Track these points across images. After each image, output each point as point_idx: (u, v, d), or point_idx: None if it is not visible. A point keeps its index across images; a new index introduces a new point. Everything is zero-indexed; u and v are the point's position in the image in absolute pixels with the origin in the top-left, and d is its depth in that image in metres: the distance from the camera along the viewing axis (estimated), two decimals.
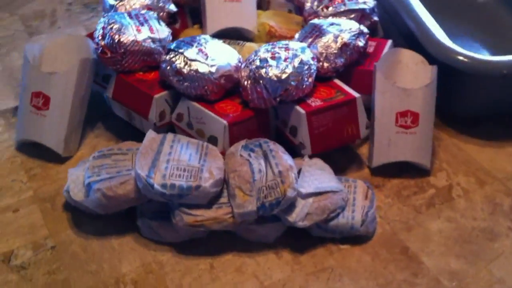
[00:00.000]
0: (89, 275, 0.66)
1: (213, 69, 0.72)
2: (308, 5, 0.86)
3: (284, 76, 0.71)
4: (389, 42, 0.84)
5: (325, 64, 0.76)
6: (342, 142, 0.75)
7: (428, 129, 0.76)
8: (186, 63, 0.72)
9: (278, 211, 0.66)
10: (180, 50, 0.73)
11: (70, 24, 1.05)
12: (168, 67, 0.73)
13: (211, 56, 0.74)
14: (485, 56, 0.77)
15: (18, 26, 1.04)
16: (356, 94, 0.74)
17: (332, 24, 0.79)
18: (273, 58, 0.73)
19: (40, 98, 0.76)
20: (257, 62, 0.73)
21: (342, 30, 0.78)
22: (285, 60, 0.73)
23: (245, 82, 0.73)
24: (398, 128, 0.76)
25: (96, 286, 0.65)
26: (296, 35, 0.81)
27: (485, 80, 0.79)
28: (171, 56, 0.74)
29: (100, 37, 0.76)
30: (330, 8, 0.83)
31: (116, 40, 0.75)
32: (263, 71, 0.72)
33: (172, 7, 0.86)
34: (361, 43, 0.78)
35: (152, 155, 0.68)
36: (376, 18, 0.85)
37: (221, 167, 0.68)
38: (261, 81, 0.71)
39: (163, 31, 0.78)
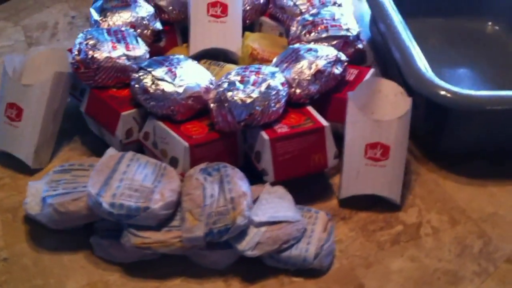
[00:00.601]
0: None
1: (180, 90, 0.72)
2: (293, 29, 0.85)
3: (249, 100, 0.70)
4: (372, 70, 0.82)
5: (298, 90, 0.75)
6: (308, 170, 0.73)
7: (400, 162, 0.74)
8: (153, 82, 0.72)
9: (227, 238, 0.65)
10: (149, 69, 0.73)
11: (70, 37, 1.06)
12: (137, 85, 0.73)
13: (180, 76, 0.73)
14: (464, 90, 0.74)
15: (19, 36, 1.06)
16: (324, 123, 0.73)
17: (309, 50, 0.77)
18: (241, 81, 0.72)
19: (13, 109, 0.77)
20: (225, 85, 0.72)
21: (318, 57, 0.76)
22: (253, 84, 0.71)
23: (212, 104, 0.72)
24: (367, 160, 0.73)
25: None
26: (274, 59, 0.80)
27: (466, 115, 0.76)
28: (140, 74, 0.73)
29: (76, 52, 0.77)
30: (312, 34, 0.81)
31: (90, 56, 0.75)
32: (229, 94, 0.71)
33: (158, 25, 0.86)
34: (337, 70, 0.77)
35: (107, 173, 0.67)
36: (360, 46, 0.83)
37: (175, 190, 0.67)
38: (226, 104, 0.70)
39: (139, 49, 0.78)
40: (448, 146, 0.82)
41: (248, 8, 0.90)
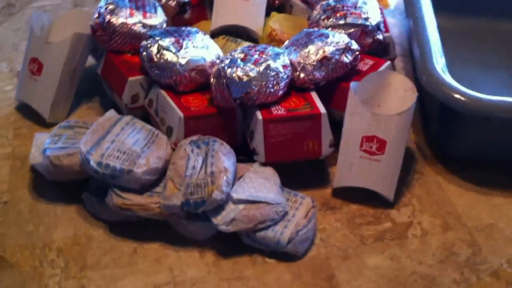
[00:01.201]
0: (24, 234, 0.70)
1: (182, 61, 0.73)
2: (315, 13, 0.84)
3: (245, 78, 0.70)
4: (387, 63, 0.79)
5: (302, 75, 0.74)
6: (301, 156, 0.73)
7: (396, 159, 0.72)
8: (158, 51, 0.74)
9: (203, 210, 0.66)
10: (157, 38, 0.75)
11: None
12: (144, 53, 0.75)
13: (186, 48, 0.74)
14: (474, 93, 0.71)
15: None
16: (322, 110, 0.72)
17: (321, 35, 0.76)
18: (243, 59, 0.72)
19: (35, 64, 0.82)
20: (227, 61, 0.73)
21: (327, 43, 0.75)
22: (254, 63, 0.72)
23: (212, 79, 0.73)
24: (362, 152, 0.72)
25: (25, 246, 0.69)
26: (286, 41, 0.79)
27: (475, 120, 0.73)
28: (148, 42, 0.75)
29: (96, 15, 0.80)
30: (330, 20, 0.80)
31: (107, 20, 0.78)
32: (228, 70, 0.71)
33: None
34: (346, 59, 0.75)
35: (101, 133, 0.70)
36: (380, 37, 0.81)
37: (162, 157, 0.69)
38: (224, 80, 0.71)
39: (156, 18, 0.80)
40: (457, 150, 0.78)
41: None
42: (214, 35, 0.87)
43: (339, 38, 0.76)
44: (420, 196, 0.75)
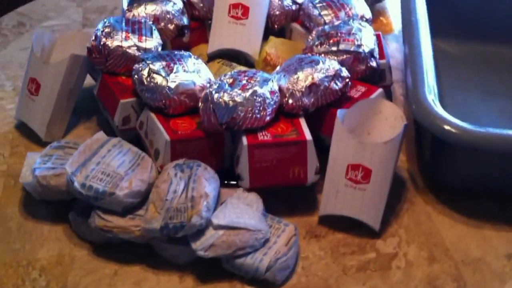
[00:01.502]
0: (10, 252, 0.71)
1: (172, 85, 0.74)
2: (309, 39, 0.84)
3: (231, 103, 0.71)
4: (379, 90, 0.79)
5: (290, 101, 0.74)
6: (287, 182, 0.73)
7: (382, 188, 0.71)
8: (149, 75, 0.75)
9: (182, 235, 0.66)
10: (148, 62, 0.76)
11: None
12: (135, 76, 0.76)
13: (177, 72, 0.75)
14: (461, 123, 0.69)
15: (77, 17, 1.13)
16: (308, 137, 0.71)
17: (311, 61, 0.76)
18: (231, 84, 0.73)
19: (34, 84, 0.83)
20: (215, 86, 0.73)
21: (317, 70, 0.75)
22: (241, 88, 0.72)
23: (200, 103, 0.74)
24: (347, 181, 0.71)
25: (10, 263, 0.70)
26: (278, 67, 0.80)
27: (462, 150, 0.72)
28: (140, 65, 0.76)
29: (93, 38, 0.81)
30: (323, 46, 0.80)
31: (102, 43, 0.79)
32: (216, 95, 0.72)
33: (183, 21, 0.88)
34: (336, 86, 0.75)
35: (88, 154, 0.71)
36: (373, 64, 0.80)
37: (145, 180, 0.70)
38: (211, 105, 0.72)
39: (151, 41, 0.81)
40: (448, 180, 0.77)
41: (277, 13, 0.90)
42: (211, 58, 0.88)
43: (329, 64, 0.76)
44: (408, 227, 0.74)
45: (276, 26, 0.92)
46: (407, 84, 0.78)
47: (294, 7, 0.92)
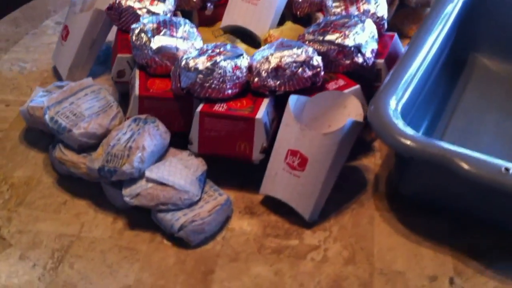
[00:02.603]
0: None
1: (153, 46, 0.79)
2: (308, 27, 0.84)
3: (192, 69, 0.74)
4: (356, 87, 0.77)
5: (255, 79, 0.76)
6: (233, 155, 0.75)
7: (316, 179, 0.70)
8: (138, 34, 0.81)
9: (116, 179, 0.72)
10: (143, 22, 0.82)
11: None
12: (131, 33, 0.83)
13: (164, 35, 0.80)
14: (402, 129, 0.66)
15: None
16: (259, 116, 0.73)
17: (289, 45, 0.77)
18: (202, 52, 0.76)
19: (65, 30, 0.94)
20: (190, 52, 0.77)
21: (288, 54, 0.75)
22: (208, 57, 0.75)
23: (173, 67, 0.78)
24: (285, 165, 0.71)
25: None
26: (266, 45, 0.81)
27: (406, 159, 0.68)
28: (136, 25, 0.82)
29: None
30: (312, 35, 0.80)
31: (118, 1, 0.87)
32: (184, 61, 0.76)
33: None
34: (304, 73, 0.75)
35: (67, 94, 0.79)
36: (359, 60, 0.78)
37: (104, 125, 0.76)
38: (178, 69, 0.76)
39: (162, 6, 0.87)
40: (405, 191, 0.74)
41: (300, 0, 0.91)
42: (225, 32, 0.92)
43: (303, 51, 0.76)
44: (345, 226, 0.73)
45: (299, 13, 0.93)
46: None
47: None
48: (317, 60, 0.76)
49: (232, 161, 0.76)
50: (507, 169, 0.61)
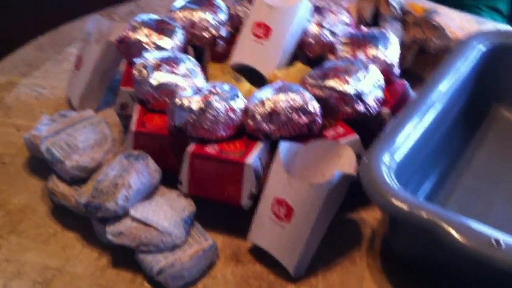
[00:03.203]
0: None
1: (154, 82, 0.79)
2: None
3: (186, 108, 0.73)
4: (354, 137, 0.74)
5: (250, 122, 0.74)
6: (222, 199, 0.73)
7: (302, 232, 0.67)
8: (139, 69, 0.80)
9: (101, 216, 0.71)
10: (145, 57, 0.81)
11: None
12: (133, 67, 0.82)
13: (162, 71, 0.79)
14: (390, 191, 0.62)
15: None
16: (248, 161, 0.71)
17: (288, 90, 0.75)
18: (198, 92, 0.75)
19: (79, 60, 0.95)
20: (187, 90, 0.76)
21: (284, 100, 0.73)
22: (203, 97, 0.74)
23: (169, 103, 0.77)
24: (271, 214, 0.69)
25: None
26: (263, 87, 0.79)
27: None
28: (139, 59, 0.82)
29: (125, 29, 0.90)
30: (314, 80, 0.78)
31: (125, 34, 0.88)
32: (178, 98, 0.75)
33: (220, 31, 0.92)
34: (299, 119, 0.73)
35: (66, 125, 0.80)
36: (361, 109, 0.75)
37: (96, 159, 0.76)
38: (171, 107, 0.75)
39: (169, 42, 0.87)
40: (397, 251, 0.70)
41: (311, 42, 0.89)
42: (233, 69, 0.91)
43: (300, 96, 0.74)
44: (332, 284, 0.69)
45: (310, 54, 0.91)
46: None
47: (332, 38, 0.90)
48: (314, 106, 0.74)
49: (223, 203, 0.75)
50: (497, 241, 0.57)
